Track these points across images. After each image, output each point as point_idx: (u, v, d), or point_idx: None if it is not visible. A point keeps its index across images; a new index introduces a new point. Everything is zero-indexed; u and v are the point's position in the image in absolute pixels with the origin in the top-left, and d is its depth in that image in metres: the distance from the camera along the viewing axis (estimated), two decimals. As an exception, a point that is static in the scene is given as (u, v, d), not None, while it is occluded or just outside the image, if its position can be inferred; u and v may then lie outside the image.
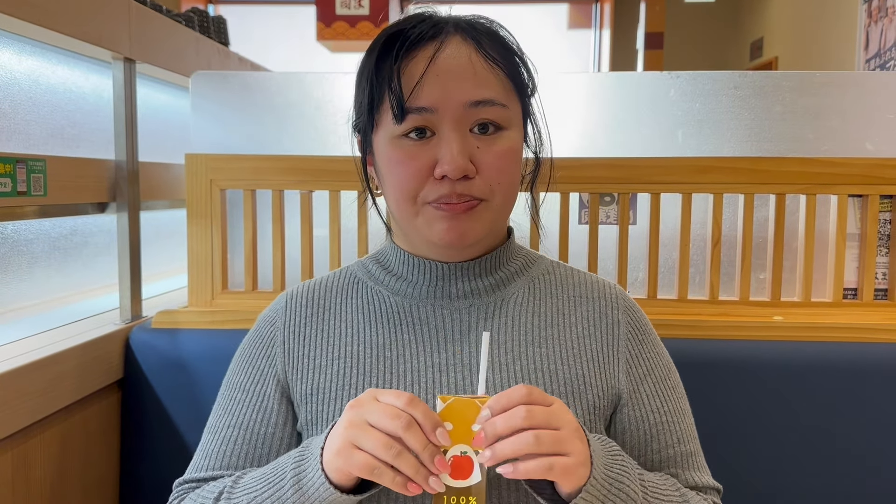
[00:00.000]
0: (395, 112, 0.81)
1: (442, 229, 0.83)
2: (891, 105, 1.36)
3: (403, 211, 0.85)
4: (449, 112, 0.81)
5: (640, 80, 1.43)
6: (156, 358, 1.29)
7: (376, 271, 0.94)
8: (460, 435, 0.71)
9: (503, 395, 0.72)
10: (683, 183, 1.32)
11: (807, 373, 1.23)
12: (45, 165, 1.18)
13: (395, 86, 0.81)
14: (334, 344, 0.90)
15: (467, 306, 0.90)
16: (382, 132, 0.84)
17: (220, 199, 1.36)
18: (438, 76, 0.81)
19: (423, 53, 0.82)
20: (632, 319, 0.93)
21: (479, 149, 0.82)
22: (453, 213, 0.82)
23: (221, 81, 1.43)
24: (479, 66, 0.82)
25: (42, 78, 1.40)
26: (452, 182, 0.81)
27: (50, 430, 1.13)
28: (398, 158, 0.83)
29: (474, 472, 0.71)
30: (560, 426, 0.72)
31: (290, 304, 0.94)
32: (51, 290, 1.47)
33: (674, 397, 0.92)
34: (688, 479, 0.88)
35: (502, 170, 0.84)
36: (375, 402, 0.72)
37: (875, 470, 1.22)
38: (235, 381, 0.92)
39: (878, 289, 1.35)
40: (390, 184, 0.85)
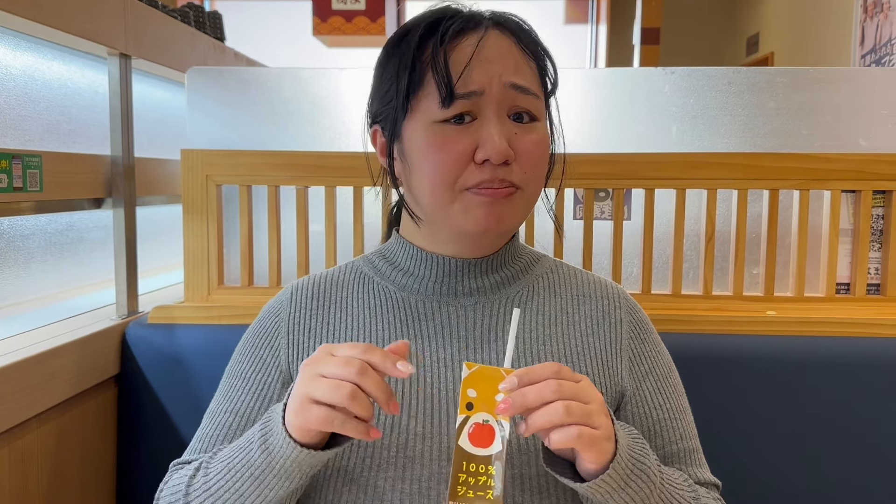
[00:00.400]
0: (443, 96, 0.81)
1: (480, 215, 0.83)
2: (884, 101, 1.37)
3: (438, 198, 0.84)
4: (493, 94, 0.82)
5: (634, 76, 1.43)
6: (152, 353, 1.30)
7: (382, 266, 0.95)
8: (483, 403, 0.71)
9: (533, 369, 0.72)
10: (677, 178, 1.32)
11: (800, 367, 1.24)
12: (40, 161, 1.19)
13: (441, 69, 0.81)
14: (339, 337, 0.90)
15: (472, 304, 0.90)
16: (419, 118, 0.84)
17: (215, 195, 1.37)
18: (482, 61, 0.82)
19: (467, 41, 0.83)
20: (634, 319, 0.94)
21: (516, 135, 0.83)
22: (494, 198, 0.82)
23: (217, 77, 1.44)
24: (519, 57, 0.85)
25: (38, 73, 1.40)
26: (494, 167, 0.81)
27: (47, 426, 1.13)
28: (438, 143, 0.82)
29: (495, 440, 0.70)
30: (589, 401, 0.72)
31: (296, 296, 0.94)
32: (47, 286, 1.47)
33: (675, 395, 0.93)
34: (690, 475, 0.89)
35: (537, 159, 0.85)
36: (330, 356, 0.72)
37: (868, 463, 1.23)
38: (238, 369, 0.93)
39: (871, 284, 1.36)
40: (425, 170, 0.84)
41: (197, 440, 0.91)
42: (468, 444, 0.70)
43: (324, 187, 1.37)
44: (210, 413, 0.92)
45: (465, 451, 0.70)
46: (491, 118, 0.82)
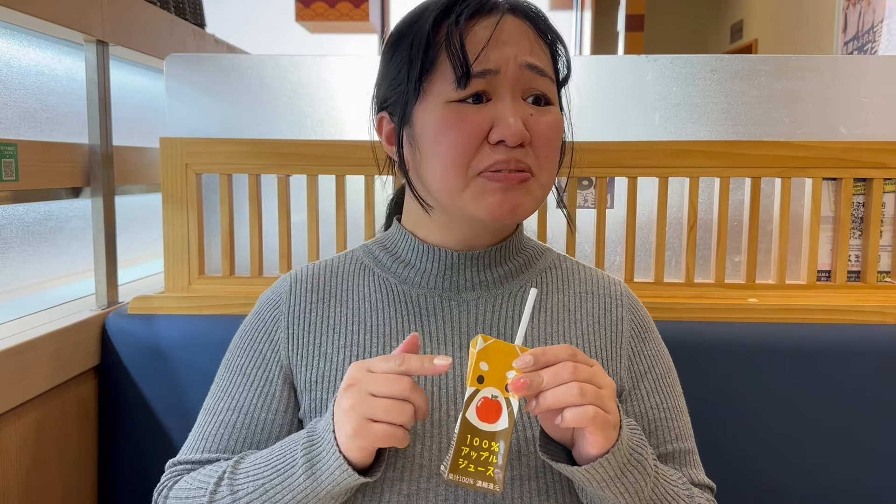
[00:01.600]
0: (459, 75, 0.79)
1: (493, 202, 0.80)
2: (865, 89, 1.38)
3: (451, 183, 0.81)
4: (509, 74, 0.80)
5: (617, 64, 1.43)
6: (132, 344, 1.29)
7: (383, 257, 0.93)
8: (494, 378, 0.70)
9: (549, 350, 0.71)
10: (660, 167, 1.32)
11: (781, 354, 1.24)
12: (16, 150, 1.17)
13: (456, 49, 0.79)
14: (340, 332, 0.88)
15: (475, 298, 0.89)
16: (432, 99, 0.82)
17: (195, 184, 1.35)
18: (499, 42, 0.81)
19: (483, 23, 0.81)
20: (635, 317, 0.93)
21: (532, 117, 0.81)
22: (507, 184, 0.80)
23: (196, 64, 1.42)
24: (534, 37, 0.83)
25: (13, 61, 1.37)
26: (509, 149, 0.79)
27: (26, 417, 1.12)
28: (453, 122, 0.80)
29: (502, 416, 0.69)
30: (602, 385, 0.72)
31: (295, 288, 0.92)
32: (25, 276, 1.45)
33: (672, 395, 0.92)
34: (686, 475, 0.88)
35: (551, 143, 0.83)
36: (370, 373, 0.72)
37: (850, 449, 1.24)
38: (236, 363, 0.91)
39: (851, 271, 1.37)
40: (438, 153, 0.81)
41: (197, 438, 0.88)
42: (475, 418, 0.69)
43: (305, 176, 1.36)
44: (208, 410, 0.90)
45: (470, 425, 0.69)
46: (506, 98, 0.81)
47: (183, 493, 0.82)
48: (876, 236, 1.34)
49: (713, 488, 0.92)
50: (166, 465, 0.89)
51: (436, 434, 0.82)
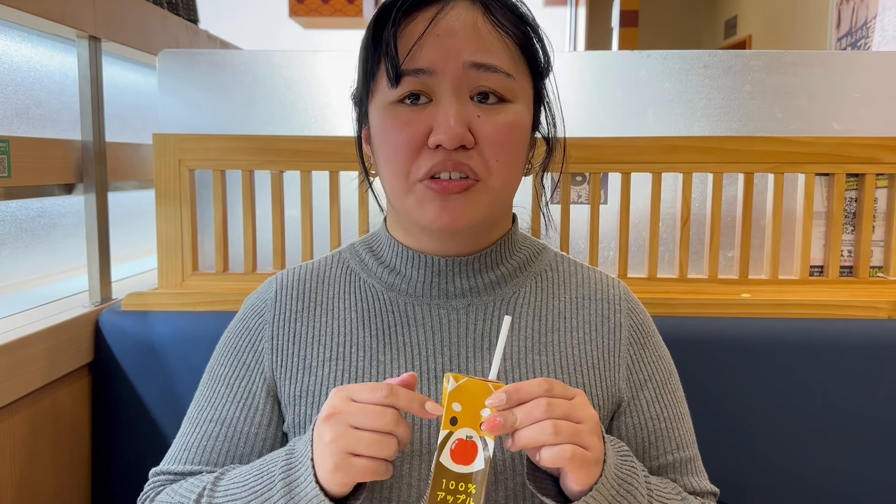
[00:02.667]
0: (390, 75, 0.75)
1: (433, 211, 0.76)
2: (858, 84, 1.38)
3: (396, 188, 0.79)
4: (448, 74, 0.75)
5: (610, 60, 1.43)
6: (126, 341, 1.28)
7: (370, 261, 0.89)
8: (468, 418, 0.67)
9: (522, 386, 0.68)
10: (653, 162, 1.32)
11: (774, 349, 1.25)
12: (8, 146, 1.16)
13: (390, 48, 0.75)
14: (325, 344, 0.85)
15: (465, 305, 0.85)
16: (377, 101, 0.79)
17: (188, 180, 1.35)
18: (439, 36, 0.75)
19: (423, 16, 0.76)
20: (634, 322, 0.89)
21: (479, 118, 0.76)
22: (445, 193, 0.76)
23: (189, 60, 1.41)
24: (485, 30, 0.77)
25: (5, 57, 1.36)
26: (448, 152, 0.75)
27: (19, 415, 1.12)
28: (390, 126, 0.77)
29: (477, 457, 0.67)
30: (581, 420, 0.69)
31: (281, 294, 0.88)
32: (18, 273, 1.45)
33: (673, 402, 0.89)
34: (685, 485, 0.86)
35: (503, 145, 0.77)
36: (352, 403, 0.69)
37: (842, 444, 1.25)
38: (220, 372, 0.88)
39: (844, 266, 1.37)
40: (383, 157, 0.79)
41: (180, 448, 0.86)
42: (449, 461, 0.67)
43: (299, 172, 1.36)
44: (191, 419, 0.88)
45: (445, 469, 0.67)
46: (446, 99, 0.75)
47: (168, 498, 0.81)
48: (868, 231, 1.35)
49: (716, 493, 0.89)
50: (150, 472, 0.88)
51: (425, 453, 0.79)
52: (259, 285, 0.94)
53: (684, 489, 0.86)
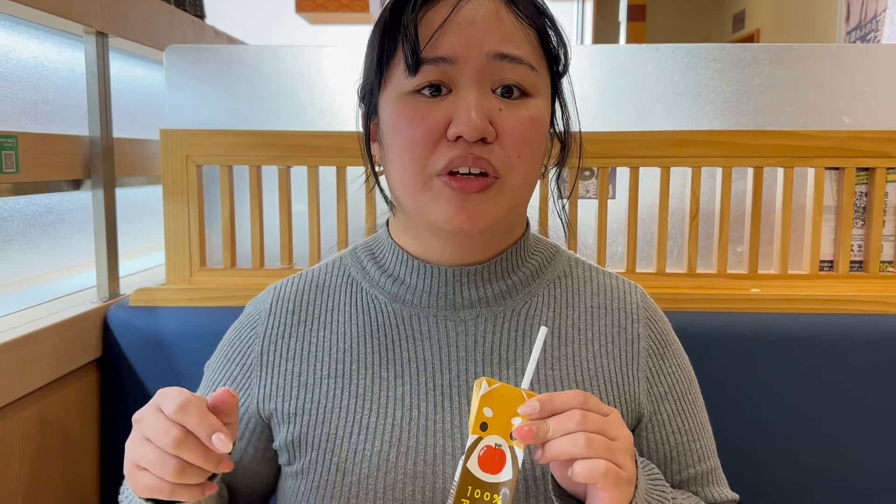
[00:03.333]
0: (409, 62, 0.72)
1: (449, 211, 0.72)
2: (868, 78, 1.37)
3: (408, 183, 0.74)
4: (470, 63, 0.72)
5: (618, 54, 1.42)
6: (134, 336, 1.29)
7: (372, 270, 0.85)
8: (498, 425, 0.64)
9: (557, 396, 0.65)
10: (662, 157, 1.32)
11: (783, 344, 1.24)
12: (16, 142, 1.16)
13: (410, 33, 0.72)
14: (322, 360, 0.81)
15: (473, 317, 0.81)
16: (391, 90, 0.75)
17: (196, 175, 1.35)
18: (461, 25, 0.72)
19: (445, 3, 0.73)
20: (653, 332, 0.85)
21: (500, 111, 0.72)
22: (465, 192, 0.72)
23: (196, 55, 1.41)
24: (508, 20, 0.73)
25: (12, 52, 1.37)
26: (468, 144, 0.71)
27: (28, 409, 1.12)
28: (407, 117, 0.73)
29: (506, 467, 0.64)
30: (615, 437, 0.66)
31: (275, 308, 0.85)
32: (27, 269, 1.45)
33: (694, 412, 0.86)
34: (707, 496, 0.85)
35: (525, 140, 0.73)
36: (156, 412, 0.65)
37: (852, 439, 1.24)
38: (214, 376, 0.87)
39: (854, 261, 1.37)
40: (396, 150, 0.74)
41: None
42: (476, 468, 0.64)
43: (306, 167, 1.35)
44: None
45: (472, 475, 0.64)
46: (468, 89, 0.72)
47: None
48: (879, 226, 1.34)
49: (736, 500, 0.88)
50: None
51: (429, 473, 0.76)
52: (266, 281, 0.94)
53: (706, 500, 0.84)
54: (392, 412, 0.78)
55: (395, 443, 0.76)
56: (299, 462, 0.80)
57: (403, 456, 0.76)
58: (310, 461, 0.79)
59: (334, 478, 0.76)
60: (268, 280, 1.33)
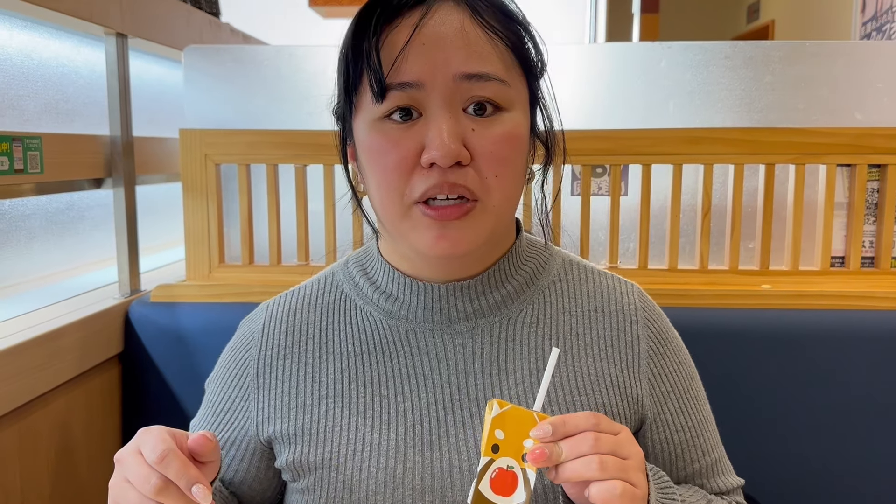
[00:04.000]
0: (374, 90, 0.70)
1: (430, 239, 0.72)
2: (880, 74, 1.37)
3: (389, 212, 0.74)
4: (437, 87, 0.70)
5: (631, 51, 1.43)
6: (155, 331, 1.31)
7: (364, 286, 0.84)
8: (510, 447, 0.64)
9: (569, 418, 0.65)
10: (674, 154, 1.33)
11: (795, 340, 1.25)
12: (40, 143, 1.19)
13: (372, 60, 0.70)
14: (319, 380, 0.81)
15: (469, 329, 0.80)
16: (362, 115, 0.74)
17: (214, 174, 1.37)
18: (424, 45, 0.70)
19: (406, 21, 0.71)
20: (652, 332, 0.85)
21: (473, 132, 0.71)
22: (444, 219, 0.71)
23: (214, 56, 1.44)
24: (474, 34, 0.71)
25: (34, 53, 1.39)
26: (443, 171, 0.69)
27: (54, 404, 1.15)
28: (379, 146, 0.72)
29: (518, 489, 0.64)
30: (627, 456, 0.67)
31: (268, 328, 0.85)
32: (50, 265, 1.49)
33: (697, 408, 0.86)
34: (713, 486, 0.86)
35: (501, 158, 0.72)
36: (136, 455, 0.66)
37: (862, 435, 1.25)
38: (212, 399, 0.88)
39: (865, 257, 1.37)
40: (374, 177, 0.73)
41: None
42: (489, 491, 0.64)
43: (322, 165, 1.37)
44: (193, 430, 0.87)
45: (484, 498, 0.64)
46: (438, 113, 0.70)
47: None
48: (890, 222, 1.34)
49: (742, 484, 0.90)
50: None
51: (437, 488, 0.76)
52: (284, 277, 0.96)
53: (712, 491, 0.86)
54: (395, 428, 0.78)
55: (400, 459, 0.77)
56: (304, 480, 0.80)
57: (410, 472, 0.76)
58: (315, 479, 0.79)
59: (342, 494, 0.77)
60: (285, 276, 1.36)
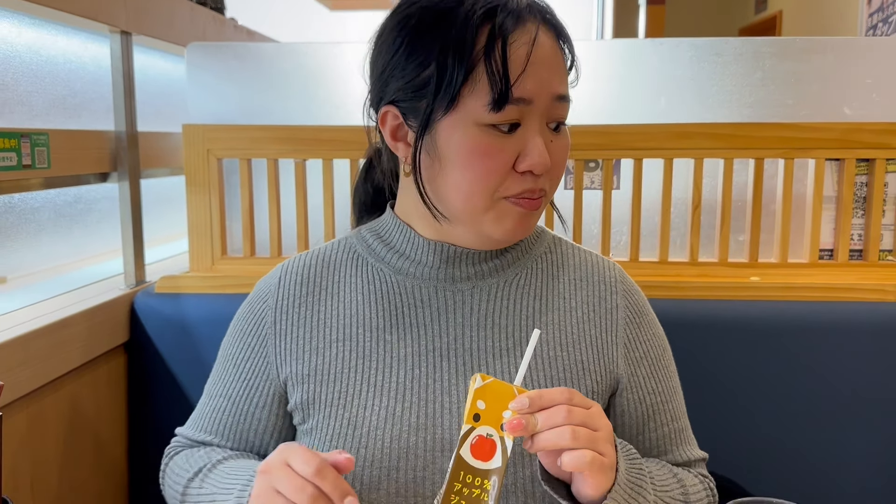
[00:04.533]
0: (496, 98, 0.76)
1: (511, 225, 0.82)
2: (869, 70, 1.39)
3: (473, 205, 0.81)
4: (540, 105, 0.79)
5: (624, 48, 1.45)
6: (160, 321, 1.35)
7: (376, 246, 0.92)
8: (490, 417, 0.70)
9: (545, 393, 0.72)
10: (665, 149, 1.35)
11: (783, 331, 1.28)
12: (47, 139, 1.23)
13: (498, 68, 0.76)
14: (331, 326, 0.89)
15: (470, 288, 0.89)
16: (465, 115, 0.78)
17: (217, 168, 1.41)
18: (535, 66, 0.78)
19: (522, 39, 0.77)
20: (630, 303, 0.93)
21: (552, 143, 0.81)
22: (529, 209, 0.82)
23: (216, 52, 1.47)
24: (560, 56, 0.82)
25: (42, 49, 1.43)
26: (535, 177, 0.80)
27: (61, 391, 1.19)
28: (484, 150, 0.78)
29: (496, 455, 0.70)
30: (597, 428, 0.73)
31: (284, 281, 0.92)
32: (58, 257, 1.52)
33: (667, 377, 0.94)
34: (680, 454, 0.93)
35: (563, 165, 0.85)
36: (285, 468, 0.71)
37: (849, 425, 1.28)
38: (229, 352, 0.94)
39: (853, 249, 1.40)
40: (465, 176, 0.80)
41: (199, 417, 0.96)
42: (469, 456, 0.70)
43: (321, 160, 1.41)
44: (208, 391, 0.96)
45: (464, 462, 0.70)
46: (536, 129, 0.80)
47: (176, 468, 0.92)
48: (878, 216, 1.36)
49: (705, 458, 0.96)
50: (176, 429, 0.98)
51: (430, 425, 0.83)
52: (282, 269, 1.00)
53: (678, 459, 0.92)
54: (396, 371, 0.86)
55: (399, 398, 0.84)
56: (312, 420, 0.87)
57: (408, 410, 0.84)
58: (323, 417, 0.86)
59: (345, 430, 0.84)
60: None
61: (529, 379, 0.86)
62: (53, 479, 1.17)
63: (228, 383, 0.94)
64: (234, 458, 0.90)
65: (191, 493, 0.88)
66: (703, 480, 0.92)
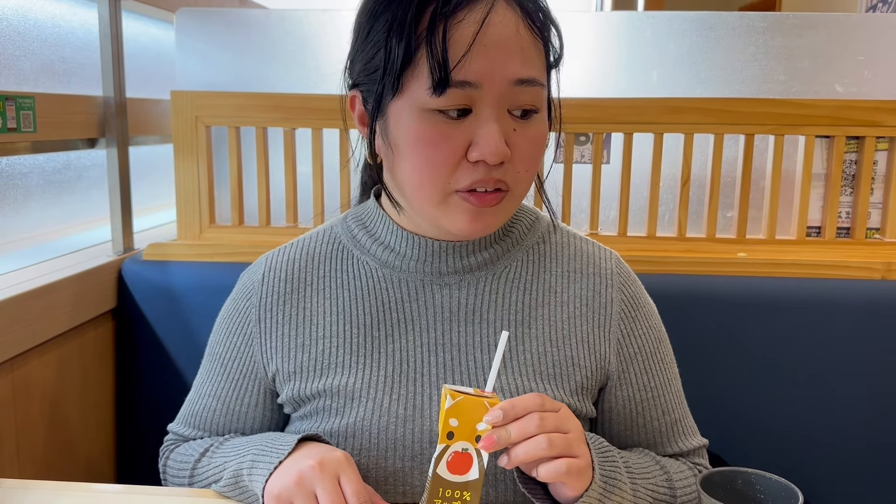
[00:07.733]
0: (435, 81, 0.72)
1: (464, 221, 0.78)
2: (861, 47, 1.39)
3: (424, 196, 0.78)
4: (493, 89, 0.73)
5: (615, 21, 1.44)
6: (147, 288, 1.36)
7: (362, 237, 0.90)
8: (464, 432, 0.70)
9: (516, 402, 0.70)
10: (655, 123, 1.35)
11: (769, 307, 1.28)
12: (33, 102, 1.22)
13: (437, 51, 0.71)
14: (317, 322, 0.87)
15: (457, 281, 0.87)
16: (409, 101, 0.75)
17: (205, 136, 1.40)
18: (486, 47, 0.72)
19: (470, 17, 0.72)
20: (626, 296, 0.90)
21: (514, 132, 0.76)
22: (483, 206, 0.77)
23: (205, 18, 1.45)
24: (526, 38, 0.75)
25: (30, 13, 1.41)
26: (489, 167, 0.75)
27: (47, 356, 1.19)
28: (429, 137, 0.74)
29: (472, 468, 0.70)
30: (569, 430, 0.72)
31: (268, 277, 0.90)
32: (46, 223, 1.52)
33: (662, 370, 0.91)
34: (670, 446, 0.91)
35: (534, 157, 0.78)
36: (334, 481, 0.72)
37: (835, 401, 1.29)
38: (217, 350, 0.94)
39: (841, 227, 1.40)
40: (413, 163, 0.76)
41: (189, 414, 0.96)
42: (446, 472, 0.70)
43: (310, 129, 1.40)
44: (196, 389, 0.96)
45: (441, 479, 0.70)
46: (490, 114, 0.74)
47: (178, 458, 0.93)
48: (866, 193, 1.37)
49: (705, 444, 0.94)
50: (168, 426, 0.99)
51: (418, 417, 0.83)
52: (273, 238, 1.00)
53: (670, 452, 0.91)
54: (385, 365, 0.85)
55: (387, 391, 0.84)
56: (304, 408, 0.88)
57: (395, 402, 0.83)
58: (312, 407, 0.86)
59: (334, 420, 0.84)
60: (274, 237, 1.40)
61: (520, 375, 0.84)
62: (39, 444, 1.18)
63: (217, 383, 0.93)
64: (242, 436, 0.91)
65: (200, 469, 0.89)
66: (692, 467, 0.90)
